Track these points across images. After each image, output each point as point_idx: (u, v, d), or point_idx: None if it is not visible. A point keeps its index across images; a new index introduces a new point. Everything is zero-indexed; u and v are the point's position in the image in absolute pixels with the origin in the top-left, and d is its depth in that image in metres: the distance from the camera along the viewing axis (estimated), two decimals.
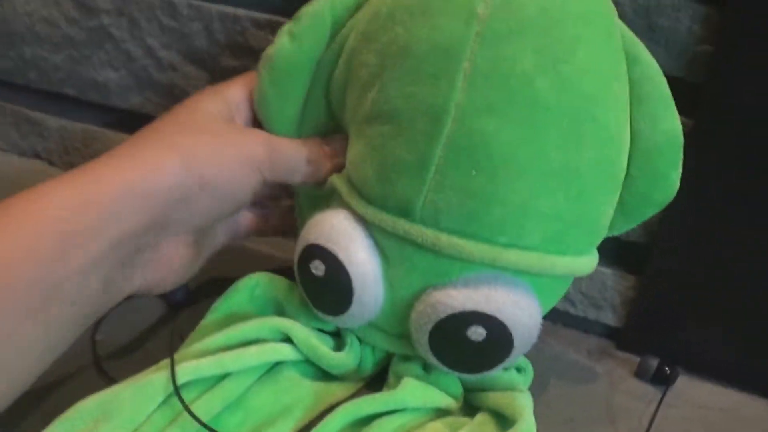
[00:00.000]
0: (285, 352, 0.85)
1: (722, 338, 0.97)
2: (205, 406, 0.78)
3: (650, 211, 0.83)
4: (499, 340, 0.77)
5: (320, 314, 0.86)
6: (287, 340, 0.86)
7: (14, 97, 1.27)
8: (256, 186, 0.83)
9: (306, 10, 0.82)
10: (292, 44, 0.82)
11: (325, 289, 0.82)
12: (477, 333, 0.76)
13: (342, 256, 0.78)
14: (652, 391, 0.95)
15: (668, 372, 0.95)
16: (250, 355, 0.82)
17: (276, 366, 0.86)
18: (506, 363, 0.80)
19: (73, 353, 0.79)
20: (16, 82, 1.25)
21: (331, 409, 0.80)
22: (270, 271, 0.93)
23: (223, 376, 0.81)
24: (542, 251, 0.75)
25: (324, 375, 0.87)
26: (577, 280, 1.01)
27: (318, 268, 0.80)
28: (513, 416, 0.78)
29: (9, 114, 1.29)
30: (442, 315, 0.76)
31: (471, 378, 0.84)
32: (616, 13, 0.77)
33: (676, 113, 0.78)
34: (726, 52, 0.84)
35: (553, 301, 0.85)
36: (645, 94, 0.77)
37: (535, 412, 0.81)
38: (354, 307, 0.81)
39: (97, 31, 1.15)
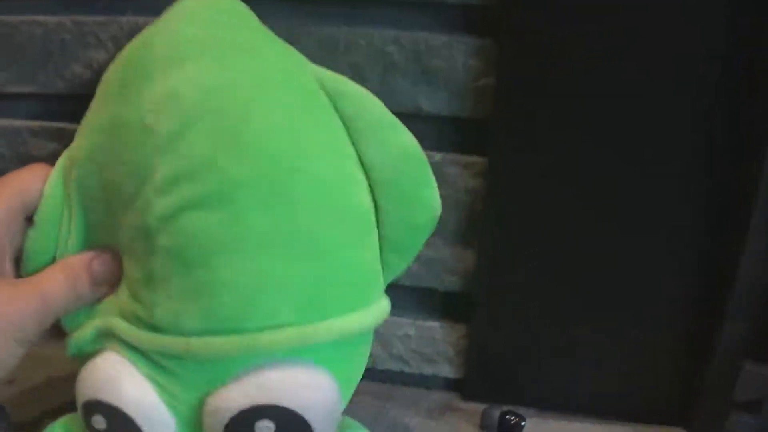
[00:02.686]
0: None
1: (565, 372, 0.95)
2: None
3: (420, 238, 0.77)
4: (292, 428, 0.71)
5: None
6: None
7: None
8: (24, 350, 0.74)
9: (43, 191, 0.76)
10: (37, 232, 0.76)
11: None
12: (265, 428, 0.70)
13: (116, 402, 0.73)
14: None
15: (513, 420, 0.91)
16: None
17: None
18: None
19: None
20: None
21: None
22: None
23: None
24: (298, 323, 0.70)
25: None
26: (406, 339, 0.98)
27: (99, 422, 0.74)
28: None
29: None
30: (225, 420, 0.71)
31: None
32: (305, 60, 0.74)
33: (406, 131, 0.73)
34: (506, 83, 0.82)
35: (356, 367, 0.78)
36: (364, 125, 0.72)
37: None
38: None
39: None
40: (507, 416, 0.92)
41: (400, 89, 0.86)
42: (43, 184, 0.75)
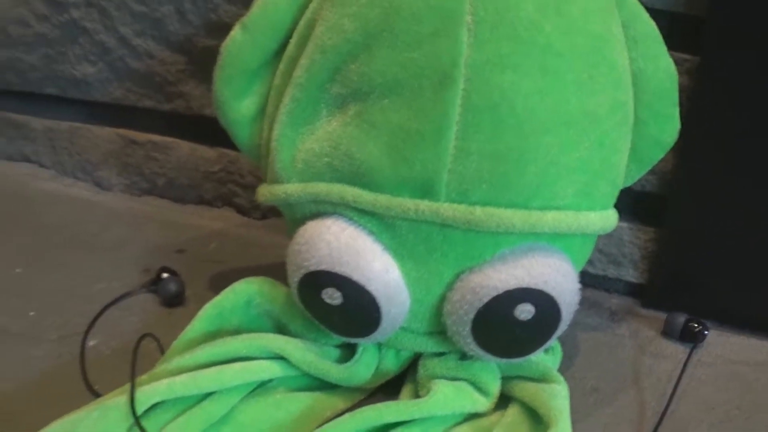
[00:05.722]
0: (273, 369, 0.78)
1: (752, 287, 0.92)
2: (182, 427, 0.72)
3: (659, 154, 0.80)
4: (547, 315, 0.73)
5: (344, 339, 0.81)
6: (277, 357, 0.79)
7: None
8: None
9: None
10: (244, 36, 0.77)
11: (345, 316, 0.76)
12: (525, 311, 0.71)
13: (358, 277, 0.72)
14: (681, 350, 0.89)
15: (696, 328, 0.90)
16: (231, 374, 0.76)
17: (268, 381, 0.80)
18: (553, 339, 0.76)
19: (64, 361, 0.82)
20: None
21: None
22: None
23: (205, 395, 0.75)
24: (576, 209, 0.71)
25: (321, 386, 0.81)
26: None
27: (333, 297, 0.73)
28: (547, 417, 0.73)
29: None
30: (486, 299, 0.71)
31: (504, 365, 0.79)
32: None
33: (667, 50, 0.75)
34: None
35: (583, 264, 0.80)
36: (640, 34, 0.73)
37: None
38: (384, 323, 0.75)
39: (70, 26, 1.11)
40: (691, 323, 0.90)
41: None
42: None
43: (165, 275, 0.95)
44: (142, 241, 1.08)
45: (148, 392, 0.72)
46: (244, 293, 0.83)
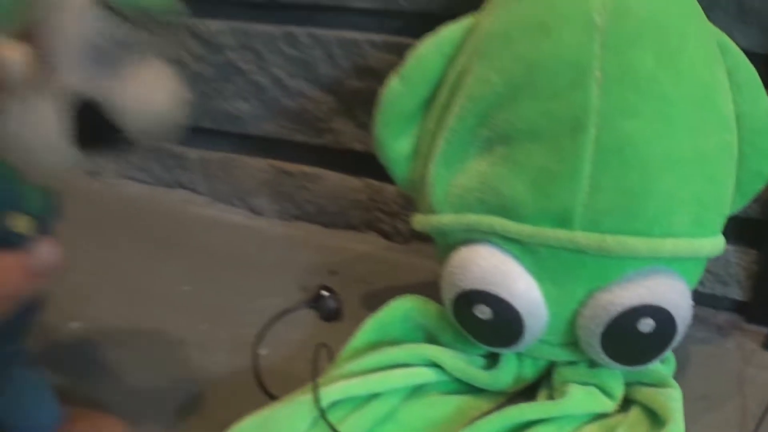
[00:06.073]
0: (429, 375, 0.88)
1: None
2: (357, 423, 0.82)
3: (760, 185, 0.87)
4: (665, 327, 0.81)
5: (490, 349, 0.90)
6: (431, 364, 0.89)
7: None
8: None
9: (414, 52, 0.86)
10: (400, 85, 0.87)
11: (493, 328, 0.85)
12: (647, 325, 0.79)
13: (506, 295, 0.81)
14: None
15: None
16: (395, 378, 0.86)
17: (422, 386, 0.89)
18: (669, 349, 0.84)
19: (238, 368, 0.91)
20: None
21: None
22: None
23: (372, 396, 0.85)
24: (690, 236, 0.79)
25: (469, 390, 0.90)
26: None
27: (484, 312, 0.83)
28: (665, 416, 0.81)
29: (152, 150, 1.36)
30: (614, 314, 0.80)
31: (627, 372, 0.87)
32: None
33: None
34: None
35: (695, 283, 0.87)
36: (742, 80, 0.81)
37: None
38: (526, 336, 0.84)
39: (225, 66, 1.22)
40: None
41: (718, 24, 0.87)
42: None
43: (324, 293, 1.05)
44: (297, 262, 1.17)
45: (328, 392, 0.82)
46: (401, 309, 0.93)
